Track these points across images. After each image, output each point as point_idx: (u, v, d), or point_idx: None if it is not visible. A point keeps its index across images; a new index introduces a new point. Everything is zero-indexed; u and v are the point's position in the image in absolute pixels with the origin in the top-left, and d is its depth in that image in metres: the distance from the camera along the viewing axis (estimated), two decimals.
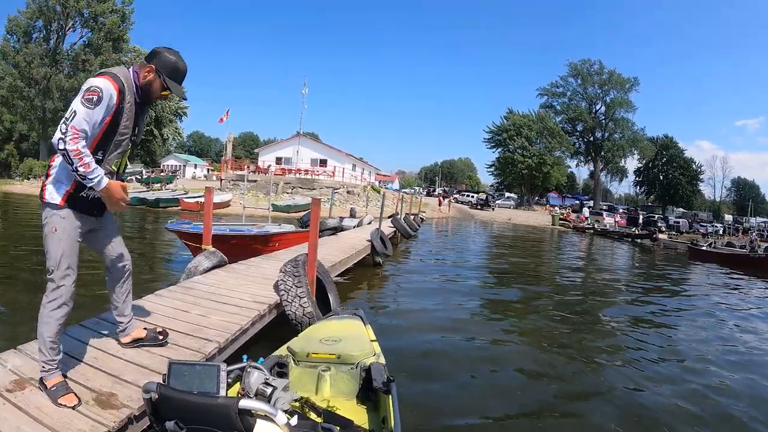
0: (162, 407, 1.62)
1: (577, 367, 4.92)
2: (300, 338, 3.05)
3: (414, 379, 4.09)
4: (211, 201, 6.51)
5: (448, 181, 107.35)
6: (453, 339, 5.50)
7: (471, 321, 6.47)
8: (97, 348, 2.96)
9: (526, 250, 18.87)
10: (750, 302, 10.16)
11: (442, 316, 6.58)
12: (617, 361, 5.17)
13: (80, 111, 2.21)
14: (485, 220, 39.33)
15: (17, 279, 7.03)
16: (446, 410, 3.58)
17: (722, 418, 3.88)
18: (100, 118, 2.31)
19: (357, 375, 2.67)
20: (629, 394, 4.25)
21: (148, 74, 2.51)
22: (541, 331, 6.30)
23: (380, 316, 6.24)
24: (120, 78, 2.39)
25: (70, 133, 2.17)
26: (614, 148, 59.36)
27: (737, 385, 4.69)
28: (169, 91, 2.57)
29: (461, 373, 4.44)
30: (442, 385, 4.09)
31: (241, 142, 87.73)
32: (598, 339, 6.12)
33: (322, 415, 2.25)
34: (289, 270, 4.70)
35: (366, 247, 9.90)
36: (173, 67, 2.55)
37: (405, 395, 2.57)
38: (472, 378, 4.37)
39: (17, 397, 2.28)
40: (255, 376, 1.88)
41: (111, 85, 2.32)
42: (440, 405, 3.66)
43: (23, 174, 40.34)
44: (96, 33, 45.39)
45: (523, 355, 5.15)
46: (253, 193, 30.09)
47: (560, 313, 7.36)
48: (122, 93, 2.38)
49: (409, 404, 3.29)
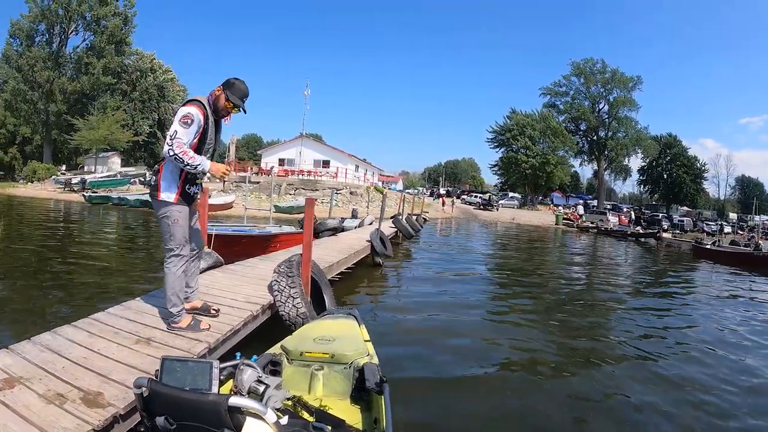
0: (153, 403, 1.62)
1: (583, 371, 4.90)
2: (294, 337, 3.06)
3: (409, 380, 4.09)
4: (206, 201, 6.53)
5: (451, 182, 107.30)
6: (451, 340, 5.49)
7: (470, 322, 6.44)
8: (87, 347, 2.98)
9: (529, 251, 18.82)
10: (755, 299, 10.13)
11: (440, 317, 6.55)
12: (628, 370, 5.15)
13: (179, 130, 3.14)
14: (489, 220, 39.25)
15: (14, 279, 7.07)
16: (440, 413, 3.59)
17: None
18: (194, 134, 3.23)
19: (350, 375, 2.67)
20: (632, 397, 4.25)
21: (217, 92, 3.38)
22: (543, 333, 6.26)
23: (377, 316, 6.24)
24: (203, 104, 3.28)
25: (176, 144, 3.09)
26: (618, 147, 59.09)
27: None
28: (233, 105, 3.38)
29: (458, 375, 4.44)
30: (437, 387, 4.09)
31: (244, 144, 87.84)
32: (609, 349, 5.99)
33: (315, 414, 2.24)
34: (282, 270, 4.71)
35: (365, 248, 9.90)
36: (234, 84, 3.40)
37: (397, 396, 2.58)
38: (471, 381, 4.35)
39: (6, 396, 2.30)
40: (248, 373, 1.88)
41: (198, 111, 3.22)
42: (434, 408, 3.66)
43: (27, 177, 40.54)
44: (98, 36, 45.70)
45: (523, 359, 5.11)
46: (255, 195, 30.18)
47: (561, 315, 7.36)
48: (206, 116, 3.29)
49: (402, 405, 3.29)
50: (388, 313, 6.51)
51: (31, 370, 2.60)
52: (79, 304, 5.74)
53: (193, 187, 3.48)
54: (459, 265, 12.08)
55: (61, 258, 9.19)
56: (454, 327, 6.10)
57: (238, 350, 3.79)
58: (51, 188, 35.46)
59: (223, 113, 3.44)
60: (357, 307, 4.02)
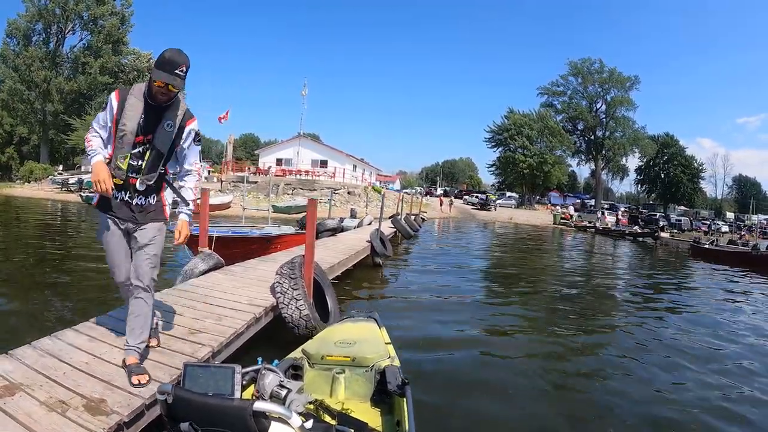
0: (176, 409, 1.62)
1: (584, 372, 4.88)
2: (315, 341, 3.09)
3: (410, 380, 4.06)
4: (207, 202, 6.49)
5: (449, 181, 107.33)
6: (454, 341, 5.47)
7: (471, 322, 6.42)
8: (88, 352, 2.94)
9: (526, 250, 18.82)
10: (752, 298, 10.14)
11: (441, 317, 6.54)
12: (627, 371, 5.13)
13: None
14: (487, 220, 39.28)
15: (11, 282, 7.01)
16: (441, 413, 3.55)
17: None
18: (108, 119, 2.68)
19: (371, 377, 2.69)
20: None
21: (150, 72, 2.74)
22: (546, 333, 6.26)
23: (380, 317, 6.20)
24: (127, 88, 2.73)
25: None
26: (615, 147, 59.30)
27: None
28: (160, 80, 2.54)
29: (460, 376, 4.41)
30: (440, 388, 4.05)
31: (241, 144, 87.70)
32: (609, 346, 6.00)
33: (337, 418, 2.25)
34: (285, 272, 4.67)
35: (365, 248, 9.86)
36: (160, 57, 2.56)
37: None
38: (473, 382, 4.31)
39: (7, 404, 2.25)
40: (270, 378, 1.90)
41: (114, 94, 2.69)
42: (436, 408, 3.63)
43: (24, 177, 40.33)
44: (95, 35, 45.51)
45: (526, 358, 5.09)
46: (253, 195, 30.08)
47: (564, 315, 7.34)
48: (122, 96, 2.67)
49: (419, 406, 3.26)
50: (390, 314, 6.45)
51: (32, 377, 2.55)
52: (79, 307, 5.67)
53: (120, 192, 2.71)
54: (458, 265, 12.04)
55: (59, 260, 9.12)
56: (455, 327, 6.08)
57: (241, 353, 3.76)
58: (48, 188, 35.28)
59: (160, 97, 2.64)
60: (355, 308, 4.00)
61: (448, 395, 3.87)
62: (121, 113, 2.63)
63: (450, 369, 4.53)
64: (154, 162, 2.74)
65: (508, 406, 3.82)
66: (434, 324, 6.12)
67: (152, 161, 2.73)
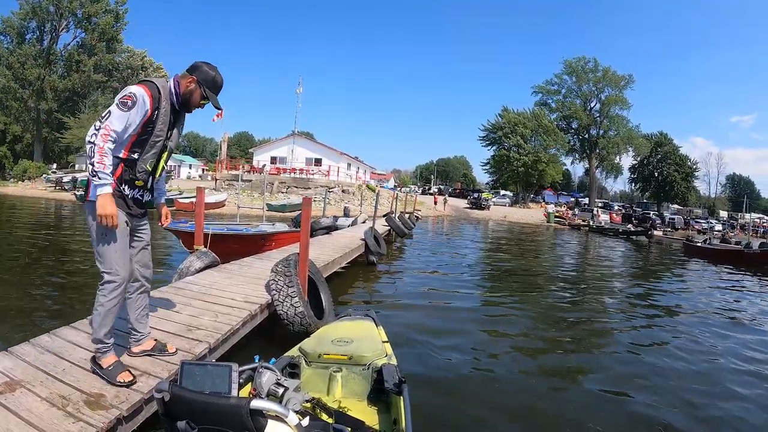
0: (174, 407, 1.62)
1: (585, 368, 4.95)
2: (312, 339, 3.09)
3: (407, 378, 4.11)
4: (202, 201, 6.52)
5: (443, 180, 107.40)
6: (448, 338, 5.50)
7: (465, 319, 6.48)
8: (86, 349, 2.98)
9: (520, 248, 18.89)
10: (745, 295, 10.27)
11: (435, 315, 6.60)
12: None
13: (114, 112, 2.43)
14: (481, 218, 39.39)
15: (7, 280, 7.02)
16: (437, 410, 3.61)
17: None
18: (137, 122, 2.52)
19: (368, 376, 2.69)
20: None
21: (189, 84, 2.72)
22: (540, 330, 6.33)
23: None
24: (156, 85, 2.60)
25: (102, 131, 2.39)
26: (609, 145, 59.49)
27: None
28: (207, 100, 2.78)
29: (456, 373, 4.46)
30: (435, 385, 4.11)
31: (236, 142, 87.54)
32: (604, 346, 6.11)
33: (334, 416, 2.26)
34: (280, 270, 4.72)
35: (359, 246, 9.92)
36: (213, 80, 2.76)
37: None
38: (470, 379, 4.37)
39: (7, 399, 2.30)
40: (267, 376, 1.90)
41: (144, 92, 2.52)
42: (431, 405, 3.68)
43: (17, 176, 40.13)
44: (89, 33, 45.28)
45: (521, 356, 5.14)
46: (248, 193, 30.09)
47: (559, 313, 7.41)
48: (156, 99, 2.57)
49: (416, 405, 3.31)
50: (384, 312, 6.50)
51: (32, 373, 2.60)
52: (77, 304, 5.71)
53: (133, 190, 2.70)
54: (452, 263, 12.13)
55: (55, 258, 9.13)
56: (449, 324, 6.12)
57: (236, 350, 3.82)
58: (42, 187, 35.16)
59: (194, 108, 2.82)
60: (352, 307, 4.03)
61: (445, 393, 3.91)
62: (155, 117, 2.60)
63: (447, 367, 4.56)
64: (167, 160, 2.89)
65: (505, 404, 3.86)
66: (429, 322, 6.15)
67: (165, 159, 2.86)
